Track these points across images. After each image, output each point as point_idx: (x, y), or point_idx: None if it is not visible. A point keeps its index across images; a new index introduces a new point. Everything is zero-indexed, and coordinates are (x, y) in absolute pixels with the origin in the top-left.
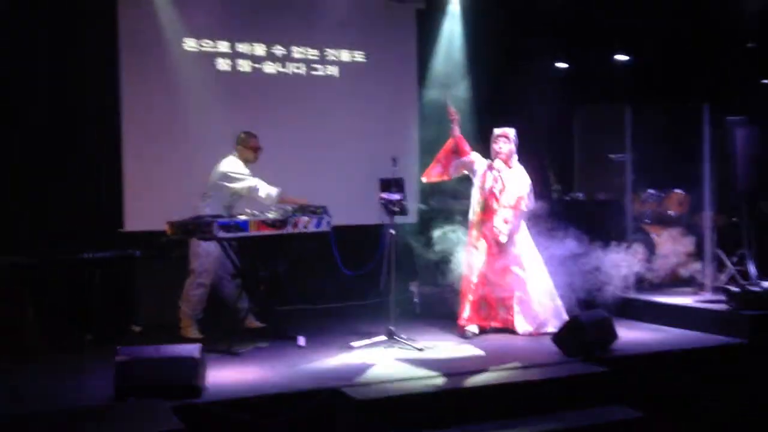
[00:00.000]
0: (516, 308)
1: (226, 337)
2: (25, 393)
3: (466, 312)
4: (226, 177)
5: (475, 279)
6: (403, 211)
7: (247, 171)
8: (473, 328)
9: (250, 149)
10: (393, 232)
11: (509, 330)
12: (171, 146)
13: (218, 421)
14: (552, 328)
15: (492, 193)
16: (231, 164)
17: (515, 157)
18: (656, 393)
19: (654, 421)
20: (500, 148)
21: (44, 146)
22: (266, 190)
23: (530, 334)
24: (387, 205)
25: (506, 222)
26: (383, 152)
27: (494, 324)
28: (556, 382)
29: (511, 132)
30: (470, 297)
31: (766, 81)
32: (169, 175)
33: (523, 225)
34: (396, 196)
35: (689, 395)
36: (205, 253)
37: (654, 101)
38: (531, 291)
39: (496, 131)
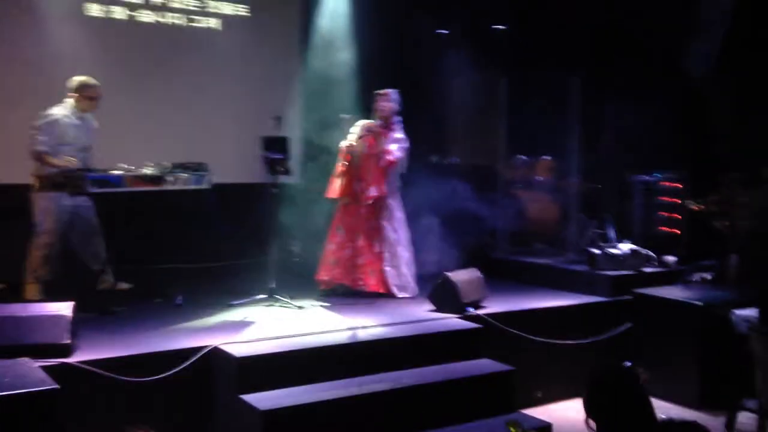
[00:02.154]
0: (386, 270)
1: (99, 298)
2: None
3: (330, 269)
4: None
5: (343, 240)
6: (287, 171)
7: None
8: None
9: (85, 98)
10: (275, 190)
11: (374, 293)
12: (29, 95)
13: (91, 380)
14: (409, 294)
15: (370, 154)
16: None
17: (396, 118)
18: (523, 348)
19: (522, 375)
20: (382, 107)
21: None
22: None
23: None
24: (270, 163)
25: (379, 183)
26: (266, 110)
27: (360, 285)
28: (429, 337)
29: (392, 92)
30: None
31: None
32: (25, 126)
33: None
34: (279, 155)
35: (554, 350)
36: (45, 210)
37: (529, 72)
38: (400, 255)
39: (379, 91)
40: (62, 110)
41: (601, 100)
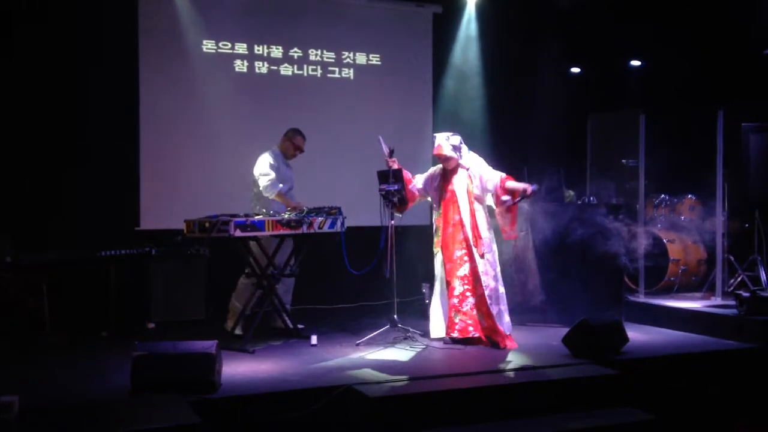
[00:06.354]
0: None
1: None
2: (44, 387)
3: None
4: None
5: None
6: (404, 200)
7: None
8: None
9: (293, 146)
10: (393, 222)
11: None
12: (187, 146)
13: (233, 416)
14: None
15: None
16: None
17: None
18: (666, 396)
19: (664, 424)
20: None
21: (62, 146)
22: (271, 189)
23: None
24: (386, 195)
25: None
26: (398, 154)
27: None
28: (567, 382)
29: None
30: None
31: None
32: (184, 175)
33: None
34: (394, 187)
35: (700, 399)
36: (252, 250)
37: (667, 107)
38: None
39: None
40: (276, 154)
41: (747, 133)
